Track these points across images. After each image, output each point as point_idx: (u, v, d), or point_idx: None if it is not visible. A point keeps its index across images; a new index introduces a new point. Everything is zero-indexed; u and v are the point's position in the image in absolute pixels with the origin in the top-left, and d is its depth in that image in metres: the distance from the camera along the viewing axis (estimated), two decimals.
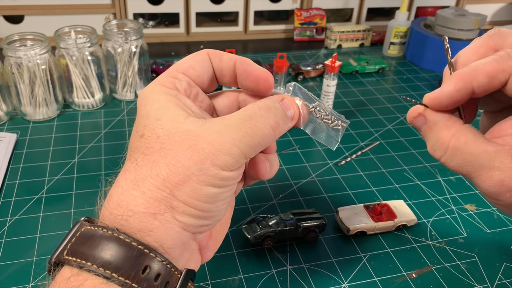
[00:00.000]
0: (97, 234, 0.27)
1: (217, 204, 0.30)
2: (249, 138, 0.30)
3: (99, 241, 0.27)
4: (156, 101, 0.31)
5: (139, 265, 0.27)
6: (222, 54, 0.34)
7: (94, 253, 0.26)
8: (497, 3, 1.20)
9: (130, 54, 0.73)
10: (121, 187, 0.29)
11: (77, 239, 0.28)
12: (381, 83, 0.88)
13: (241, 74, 0.33)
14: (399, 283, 0.46)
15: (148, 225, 0.28)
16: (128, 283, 0.26)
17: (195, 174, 0.28)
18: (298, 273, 0.46)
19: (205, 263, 0.47)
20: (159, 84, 0.32)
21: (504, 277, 0.47)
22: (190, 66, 0.33)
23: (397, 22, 0.96)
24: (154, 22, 1.04)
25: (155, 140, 0.29)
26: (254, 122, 0.30)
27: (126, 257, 0.26)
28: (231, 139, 0.29)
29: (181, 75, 0.33)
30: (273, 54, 0.98)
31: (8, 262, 0.46)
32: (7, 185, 0.56)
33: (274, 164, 0.36)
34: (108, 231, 0.27)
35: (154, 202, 0.28)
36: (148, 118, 0.30)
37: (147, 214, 0.28)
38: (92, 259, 0.26)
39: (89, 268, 0.26)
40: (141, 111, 0.31)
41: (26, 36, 0.68)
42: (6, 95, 0.68)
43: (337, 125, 0.35)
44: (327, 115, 0.35)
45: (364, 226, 0.50)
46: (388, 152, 0.67)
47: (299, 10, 1.04)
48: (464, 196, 0.58)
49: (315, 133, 0.36)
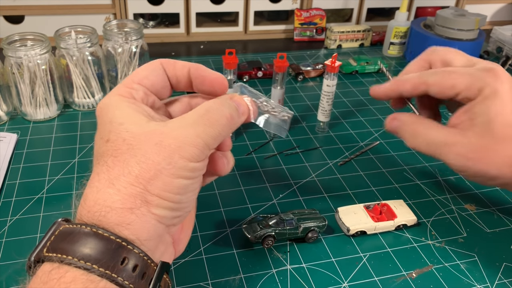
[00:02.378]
0: (76, 231, 0.29)
1: (188, 195, 0.32)
2: (209, 129, 0.32)
3: (78, 237, 0.28)
4: (117, 109, 0.33)
5: (117, 257, 0.28)
6: (175, 62, 0.36)
7: (74, 247, 0.28)
8: (496, 3, 1.20)
9: (131, 54, 0.73)
10: (96, 187, 0.30)
11: (56, 236, 0.29)
12: (381, 83, 0.88)
13: (197, 79, 0.36)
14: (399, 283, 0.46)
15: (125, 219, 0.29)
16: (107, 273, 0.27)
17: (165, 168, 0.30)
18: (298, 273, 0.47)
19: (205, 263, 0.47)
20: (117, 95, 0.34)
21: (504, 277, 0.47)
22: (145, 76, 0.35)
23: (397, 22, 0.96)
24: (154, 22, 1.04)
25: (122, 143, 0.31)
26: (211, 114, 0.33)
27: (105, 250, 0.28)
28: (194, 131, 0.32)
29: (136, 85, 0.35)
30: (273, 54, 0.98)
31: (8, 262, 0.46)
32: (7, 185, 0.56)
33: (230, 160, 0.39)
34: (87, 227, 0.29)
35: (130, 197, 0.29)
36: (112, 124, 0.32)
37: (124, 209, 0.29)
38: (72, 253, 0.27)
39: (69, 261, 0.27)
40: (103, 119, 0.33)
41: (26, 36, 0.68)
42: (6, 95, 0.68)
43: (283, 116, 0.40)
44: (273, 108, 0.40)
45: (364, 226, 0.51)
46: (388, 152, 0.67)
47: (299, 10, 1.05)
48: (464, 196, 0.59)
49: (266, 125, 0.40)
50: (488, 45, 1.02)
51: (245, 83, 0.85)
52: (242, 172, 0.61)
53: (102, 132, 0.32)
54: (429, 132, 0.41)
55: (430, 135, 0.40)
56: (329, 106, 0.68)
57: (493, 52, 1.01)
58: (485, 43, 1.01)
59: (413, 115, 0.43)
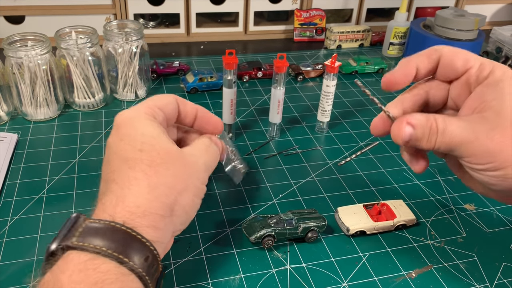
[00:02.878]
0: (106, 227, 0.32)
1: (194, 213, 0.39)
2: (210, 161, 0.42)
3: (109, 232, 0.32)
4: (148, 125, 0.38)
5: (144, 255, 0.32)
6: (186, 102, 0.43)
7: (104, 242, 0.31)
8: (496, 3, 1.20)
9: (131, 55, 0.73)
10: (137, 191, 0.34)
11: (85, 229, 0.32)
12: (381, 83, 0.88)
13: (202, 119, 0.44)
14: (399, 283, 0.46)
15: (156, 224, 0.34)
16: (135, 267, 0.31)
17: (189, 186, 0.37)
18: (298, 273, 0.47)
19: (205, 263, 0.47)
20: (143, 112, 0.39)
21: (504, 277, 0.47)
22: (165, 104, 0.41)
23: (396, 22, 0.96)
24: (154, 23, 1.04)
25: (156, 155, 0.36)
26: (210, 149, 0.43)
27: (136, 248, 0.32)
28: (203, 161, 0.41)
29: (158, 110, 0.40)
30: (273, 54, 0.98)
31: (8, 262, 0.46)
32: (8, 185, 0.57)
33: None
34: (116, 224, 0.32)
35: (164, 206, 0.35)
36: (145, 136, 0.37)
37: (158, 215, 0.34)
38: (105, 246, 0.31)
39: (104, 253, 0.30)
40: (130, 130, 0.37)
41: (27, 36, 0.68)
42: (7, 95, 0.69)
43: (241, 168, 0.50)
44: (237, 159, 0.50)
45: (363, 225, 0.51)
46: (387, 152, 0.67)
47: (299, 10, 1.05)
48: (463, 195, 0.59)
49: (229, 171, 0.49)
50: (488, 46, 1.02)
51: (245, 83, 0.85)
52: None
53: (132, 141, 0.36)
54: (450, 124, 0.35)
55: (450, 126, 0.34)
56: (329, 106, 0.68)
57: (492, 52, 1.02)
58: (485, 44, 1.01)
59: (424, 114, 0.36)
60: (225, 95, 0.63)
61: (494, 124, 0.33)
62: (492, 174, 0.34)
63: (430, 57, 0.38)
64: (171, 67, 0.84)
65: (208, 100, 0.78)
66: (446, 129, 0.34)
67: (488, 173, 0.34)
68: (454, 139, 0.34)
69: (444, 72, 0.38)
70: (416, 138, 0.35)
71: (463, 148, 0.34)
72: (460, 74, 0.37)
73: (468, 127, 0.34)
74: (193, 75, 0.80)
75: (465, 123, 0.34)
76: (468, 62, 0.37)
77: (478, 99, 0.35)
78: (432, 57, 0.38)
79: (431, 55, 0.38)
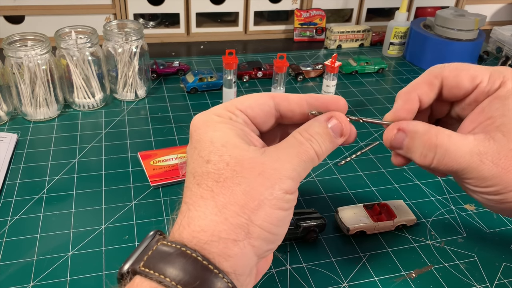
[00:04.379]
0: (176, 252, 0.28)
1: (284, 228, 0.32)
2: (303, 163, 0.32)
3: (179, 260, 0.28)
4: (218, 130, 0.32)
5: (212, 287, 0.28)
6: (289, 99, 0.35)
7: (172, 269, 0.28)
8: (496, 3, 1.20)
9: (131, 55, 0.73)
10: (203, 212, 0.30)
11: (154, 252, 0.29)
12: (381, 83, 0.88)
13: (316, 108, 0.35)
14: (399, 283, 0.46)
15: (228, 251, 0.29)
16: None
17: (267, 199, 0.30)
18: (298, 273, 0.47)
19: None
20: (216, 115, 0.33)
21: (504, 277, 0.47)
22: (249, 105, 0.34)
23: (396, 22, 0.96)
24: (154, 23, 1.04)
25: (225, 167, 0.30)
26: (304, 147, 0.32)
27: (203, 279, 0.28)
28: (291, 165, 0.31)
29: (238, 112, 0.34)
30: (273, 54, 0.98)
31: (8, 262, 0.46)
32: (7, 185, 0.57)
33: None
34: (187, 250, 0.28)
35: (236, 228, 0.29)
36: (213, 144, 0.31)
37: (229, 240, 0.29)
38: (170, 276, 0.27)
39: (168, 284, 0.27)
40: (200, 136, 0.32)
41: (26, 36, 0.68)
42: (6, 95, 0.69)
43: None
44: None
45: (363, 225, 0.51)
46: (387, 152, 0.67)
47: (299, 10, 1.05)
48: (463, 196, 0.59)
49: None
50: (488, 45, 1.03)
51: (245, 83, 0.85)
52: None
53: (201, 151, 0.32)
54: (451, 139, 0.32)
55: (452, 142, 0.32)
56: None
57: (492, 52, 1.02)
58: (485, 43, 1.01)
59: (422, 123, 0.34)
60: (225, 95, 0.63)
61: (500, 147, 0.31)
62: (492, 198, 0.33)
63: (431, 85, 0.35)
64: (171, 67, 0.84)
65: (208, 100, 0.78)
66: (449, 149, 0.32)
67: (487, 196, 0.33)
68: (457, 162, 0.32)
69: (451, 95, 0.36)
70: (407, 147, 0.34)
71: (465, 171, 0.32)
72: (470, 93, 0.35)
73: (474, 150, 0.32)
74: (193, 75, 0.80)
75: (472, 145, 0.32)
76: (476, 78, 0.34)
77: (485, 114, 0.33)
78: (433, 84, 0.35)
79: (432, 82, 0.35)
